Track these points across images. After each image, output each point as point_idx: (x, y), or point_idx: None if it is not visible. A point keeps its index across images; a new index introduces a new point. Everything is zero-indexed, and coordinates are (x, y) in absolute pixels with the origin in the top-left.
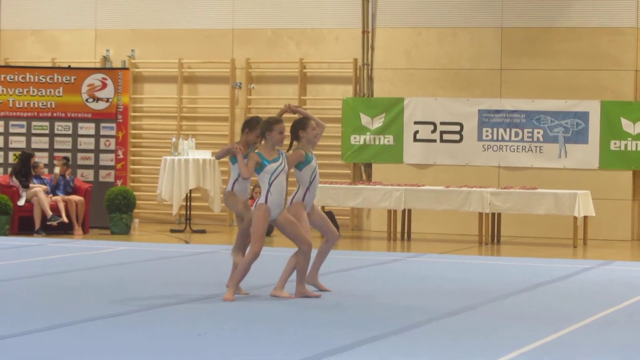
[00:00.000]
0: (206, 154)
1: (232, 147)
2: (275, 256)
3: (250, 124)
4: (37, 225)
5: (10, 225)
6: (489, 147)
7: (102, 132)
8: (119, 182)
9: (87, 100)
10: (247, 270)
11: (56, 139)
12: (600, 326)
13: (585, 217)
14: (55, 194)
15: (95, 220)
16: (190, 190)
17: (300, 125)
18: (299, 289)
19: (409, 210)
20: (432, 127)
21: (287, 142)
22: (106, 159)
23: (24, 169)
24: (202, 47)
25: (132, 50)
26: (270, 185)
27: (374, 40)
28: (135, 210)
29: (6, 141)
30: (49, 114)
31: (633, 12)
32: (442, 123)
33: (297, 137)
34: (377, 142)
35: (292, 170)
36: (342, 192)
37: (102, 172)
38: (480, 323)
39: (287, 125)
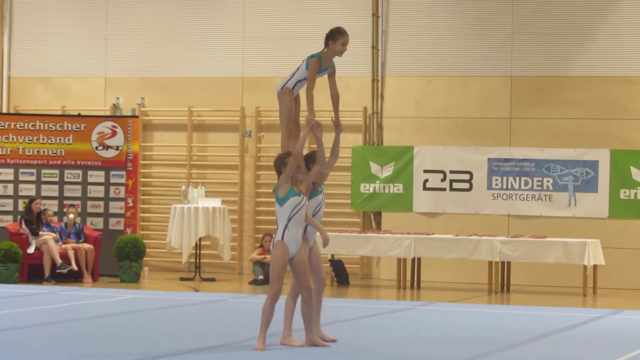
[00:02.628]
0: (216, 202)
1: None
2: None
3: (334, 36)
4: (47, 273)
5: (19, 273)
6: (498, 195)
7: (112, 180)
8: (128, 230)
9: (96, 148)
10: (271, 314)
11: (66, 186)
12: None
13: (595, 266)
14: (68, 240)
15: (105, 268)
16: (200, 239)
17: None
18: (308, 337)
19: (419, 259)
20: (441, 175)
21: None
22: (116, 207)
23: (27, 213)
24: (212, 95)
25: (142, 98)
26: (289, 220)
27: (384, 88)
28: (145, 259)
29: (16, 189)
30: (59, 162)
31: None
32: (451, 172)
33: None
34: (386, 191)
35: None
36: (352, 240)
37: (112, 220)
38: None
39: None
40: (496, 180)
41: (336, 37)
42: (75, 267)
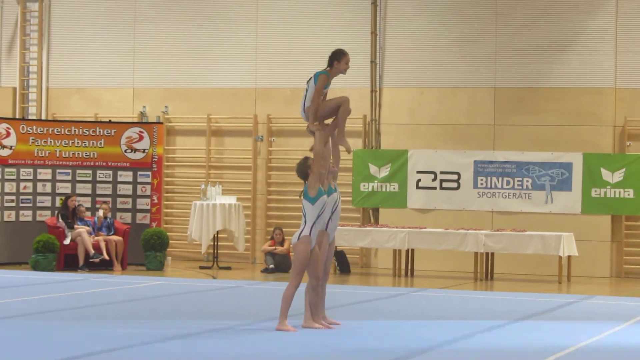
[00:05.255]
0: (232, 199)
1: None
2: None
3: (338, 56)
4: (81, 262)
5: (57, 262)
6: (483, 194)
7: (139, 180)
8: (153, 224)
9: (125, 151)
10: (290, 301)
11: (98, 185)
12: (583, 354)
13: (569, 257)
14: (100, 233)
15: (133, 257)
16: (217, 232)
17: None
18: (315, 320)
19: (412, 250)
20: (432, 176)
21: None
22: (142, 203)
23: (64, 209)
24: (228, 104)
25: (166, 106)
26: (318, 217)
27: (381, 98)
28: (168, 249)
29: (53, 187)
30: (92, 163)
31: (611, 74)
32: (441, 172)
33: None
34: (383, 189)
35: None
36: (353, 233)
37: (139, 215)
38: (475, 351)
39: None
40: (481, 180)
41: (340, 57)
42: (106, 256)
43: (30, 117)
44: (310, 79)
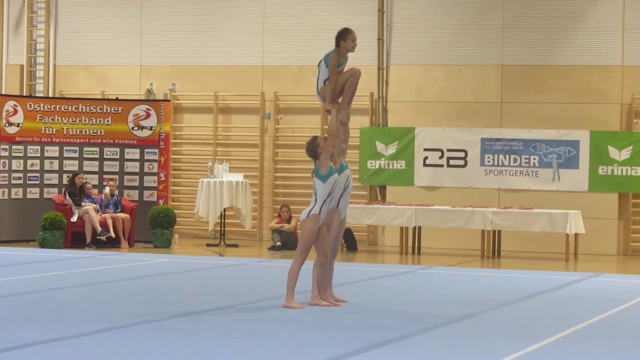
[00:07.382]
0: (239, 177)
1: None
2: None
3: (343, 35)
4: (88, 239)
5: (64, 239)
6: (490, 171)
7: (146, 157)
8: (161, 202)
9: (132, 128)
10: (296, 278)
11: (105, 162)
12: (590, 331)
13: (576, 234)
14: (107, 210)
15: (140, 235)
16: (224, 209)
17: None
18: (322, 297)
19: (419, 228)
20: (439, 153)
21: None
22: (150, 181)
23: (71, 186)
24: (236, 81)
25: (173, 84)
26: (328, 196)
27: (388, 76)
28: (175, 227)
29: (61, 164)
30: (99, 141)
31: (619, 52)
32: (448, 150)
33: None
34: (391, 167)
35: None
36: (360, 211)
37: (146, 193)
38: (483, 328)
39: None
40: (488, 157)
41: (345, 36)
42: (113, 234)
43: (37, 95)
44: (320, 61)
